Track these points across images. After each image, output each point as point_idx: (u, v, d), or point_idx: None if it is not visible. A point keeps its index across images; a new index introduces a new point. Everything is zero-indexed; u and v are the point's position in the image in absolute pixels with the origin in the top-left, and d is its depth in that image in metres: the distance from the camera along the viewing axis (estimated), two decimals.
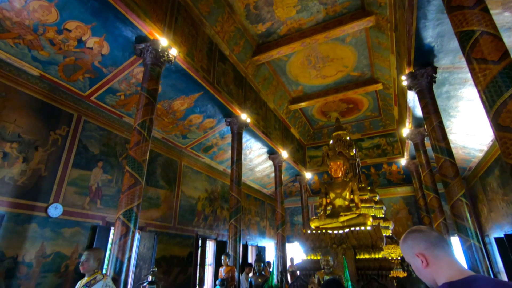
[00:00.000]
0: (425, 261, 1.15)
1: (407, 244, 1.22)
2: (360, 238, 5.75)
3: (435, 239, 1.18)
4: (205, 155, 9.66)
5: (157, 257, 7.10)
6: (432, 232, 1.21)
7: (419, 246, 1.18)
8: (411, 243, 1.21)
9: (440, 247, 1.16)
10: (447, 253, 1.15)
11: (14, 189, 4.70)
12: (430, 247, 1.16)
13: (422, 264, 1.16)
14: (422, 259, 1.16)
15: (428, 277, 1.17)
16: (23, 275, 4.57)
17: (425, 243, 1.18)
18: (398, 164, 12.64)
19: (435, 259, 1.15)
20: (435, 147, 5.26)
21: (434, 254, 1.15)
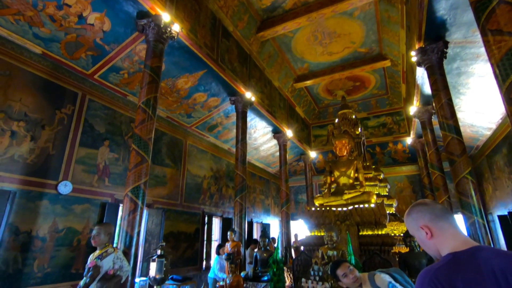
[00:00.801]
0: (430, 233, 1.15)
1: (411, 217, 1.23)
2: (364, 215, 5.82)
3: (439, 211, 1.18)
4: (210, 134, 9.68)
5: (165, 233, 7.33)
6: (436, 205, 1.21)
7: (424, 218, 1.18)
8: (416, 216, 1.21)
9: (445, 219, 1.16)
10: (451, 224, 1.15)
11: (24, 167, 4.80)
12: (434, 219, 1.16)
13: (427, 236, 1.16)
14: (426, 231, 1.16)
15: (432, 249, 1.18)
16: (38, 248, 4.77)
17: (429, 215, 1.17)
18: (403, 143, 12.56)
19: (439, 230, 1.15)
20: (443, 124, 5.19)
21: (438, 226, 1.15)
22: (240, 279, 4.93)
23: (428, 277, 1.04)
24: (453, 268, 1.04)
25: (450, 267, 1.04)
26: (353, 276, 2.31)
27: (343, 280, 2.32)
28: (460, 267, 1.03)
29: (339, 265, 2.40)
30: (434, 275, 1.03)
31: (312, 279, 3.75)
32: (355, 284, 2.29)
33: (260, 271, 5.98)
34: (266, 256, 6.12)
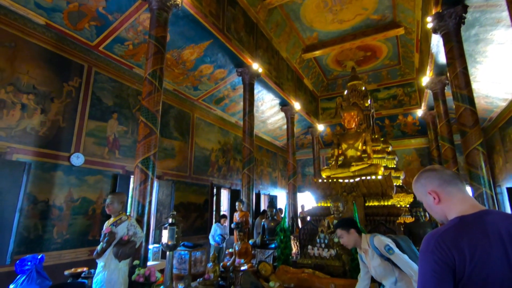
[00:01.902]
0: (437, 198, 1.15)
1: (420, 183, 1.22)
2: (371, 186, 5.87)
3: (448, 177, 1.16)
4: (217, 107, 9.64)
5: (175, 204, 7.58)
6: (445, 170, 1.19)
7: (432, 183, 1.17)
8: (424, 182, 1.20)
9: (454, 184, 1.15)
10: (460, 190, 1.14)
11: (36, 139, 4.91)
12: (442, 184, 1.15)
13: (434, 201, 1.16)
14: (434, 196, 1.15)
15: (439, 213, 1.17)
16: (56, 216, 5.01)
17: (438, 181, 1.16)
18: (414, 115, 12.31)
19: (447, 195, 1.14)
20: (456, 95, 5.03)
21: (446, 191, 1.14)
22: (248, 246, 5.14)
23: (434, 239, 1.04)
24: (459, 230, 1.03)
25: (456, 230, 1.04)
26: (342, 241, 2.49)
27: (341, 239, 2.46)
28: (466, 229, 1.03)
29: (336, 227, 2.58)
30: (440, 237, 1.03)
31: (318, 246, 3.88)
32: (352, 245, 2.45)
33: (268, 239, 6.20)
34: (273, 225, 6.30)
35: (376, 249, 2.18)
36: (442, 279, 0.98)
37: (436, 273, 0.99)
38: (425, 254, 1.04)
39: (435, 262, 1.00)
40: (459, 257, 0.97)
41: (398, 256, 2.08)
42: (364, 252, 2.33)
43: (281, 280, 3.33)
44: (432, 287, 0.99)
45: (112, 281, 3.25)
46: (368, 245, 2.27)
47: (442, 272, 0.98)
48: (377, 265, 2.19)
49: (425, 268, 1.03)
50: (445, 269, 0.98)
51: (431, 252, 1.02)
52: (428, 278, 1.01)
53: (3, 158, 4.44)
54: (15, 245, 4.36)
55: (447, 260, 0.98)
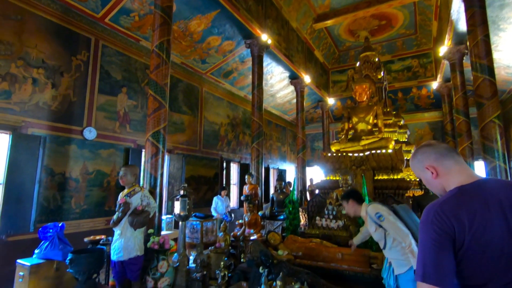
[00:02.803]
0: (435, 172, 1.15)
1: (417, 159, 1.21)
2: (380, 160, 5.83)
3: (444, 150, 1.16)
4: (226, 81, 9.51)
5: (186, 177, 7.76)
6: (441, 144, 1.19)
7: (429, 158, 1.17)
8: (421, 157, 1.19)
9: (450, 157, 1.14)
10: (457, 161, 1.14)
11: (49, 113, 5.00)
12: (439, 158, 1.15)
13: (432, 176, 1.15)
14: (432, 170, 1.15)
15: (438, 187, 1.17)
16: (73, 188, 5.22)
17: (434, 155, 1.16)
18: (428, 87, 11.89)
19: (444, 168, 1.14)
20: (475, 65, 4.79)
21: (444, 165, 1.14)
22: (257, 217, 5.29)
23: (434, 210, 1.04)
24: (458, 200, 1.03)
25: (455, 199, 1.04)
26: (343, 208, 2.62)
27: (343, 209, 2.61)
28: (465, 198, 1.03)
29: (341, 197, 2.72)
30: (439, 208, 1.03)
31: (326, 217, 3.95)
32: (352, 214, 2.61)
33: (277, 211, 6.35)
34: (282, 197, 6.43)
35: (370, 217, 2.32)
36: (442, 248, 0.99)
37: (436, 242, 1.00)
38: (425, 225, 1.04)
39: (435, 232, 1.00)
40: (458, 225, 0.98)
41: (389, 223, 2.22)
42: (364, 219, 2.52)
43: (289, 249, 3.45)
44: (432, 256, 1.00)
45: (129, 248, 3.44)
46: (365, 213, 2.43)
47: (442, 241, 0.99)
48: (373, 231, 2.37)
49: (425, 238, 1.04)
50: (445, 238, 0.99)
51: (431, 222, 1.02)
52: (428, 247, 1.02)
53: (19, 132, 4.57)
54: (37, 215, 4.61)
55: (447, 229, 0.99)
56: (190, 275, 3.92)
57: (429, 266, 0.99)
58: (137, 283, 3.55)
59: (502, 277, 0.95)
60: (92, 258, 3.00)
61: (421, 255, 1.04)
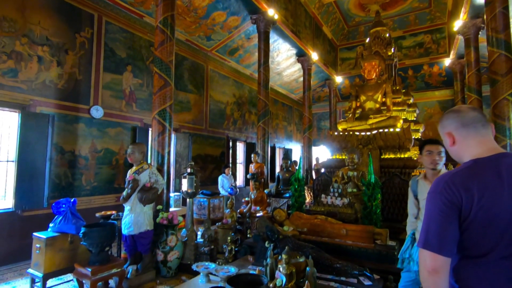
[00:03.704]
0: (451, 140, 1.14)
1: (441, 123, 1.20)
2: (388, 139, 5.76)
3: (469, 120, 1.12)
4: (231, 59, 9.34)
5: (193, 155, 7.84)
6: (469, 113, 1.13)
7: (450, 126, 1.15)
8: (445, 123, 1.18)
9: (472, 128, 1.10)
10: (479, 133, 1.10)
11: (56, 91, 5.02)
12: (459, 128, 1.12)
13: (449, 143, 1.15)
14: (449, 138, 1.15)
15: (454, 155, 1.17)
16: (83, 166, 5.34)
17: (456, 124, 1.13)
18: (440, 65, 11.50)
19: (462, 138, 1.12)
20: (491, 39, 4.59)
21: (462, 134, 1.12)
22: (263, 194, 5.36)
23: (444, 181, 1.03)
24: (471, 172, 1.02)
25: (467, 172, 1.03)
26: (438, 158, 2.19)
27: (424, 157, 2.25)
28: (478, 171, 1.02)
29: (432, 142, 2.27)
30: (450, 179, 1.02)
31: (331, 195, 3.99)
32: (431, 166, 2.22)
33: (282, 189, 6.43)
34: (288, 176, 6.48)
35: None
36: (447, 218, 1.00)
37: (442, 212, 1.00)
38: (433, 195, 1.05)
39: (442, 202, 1.01)
40: (467, 196, 0.98)
41: None
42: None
43: (294, 225, 3.52)
44: (436, 226, 1.01)
45: (139, 223, 3.55)
46: None
47: (448, 212, 1.00)
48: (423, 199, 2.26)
49: (431, 208, 1.04)
50: (451, 209, 0.99)
51: (439, 192, 1.02)
52: (433, 217, 1.02)
53: (28, 111, 4.62)
54: (49, 191, 4.76)
55: (455, 200, 0.99)
56: (198, 249, 4.06)
57: (432, 235, 1.01)
58: (147, 256, 3.70)
59: (502, 250, 0.96)
60: (104, 232, 3.11)
61: (426, 223, 1.05)
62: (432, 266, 0.99)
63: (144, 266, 3.65)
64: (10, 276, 3.88)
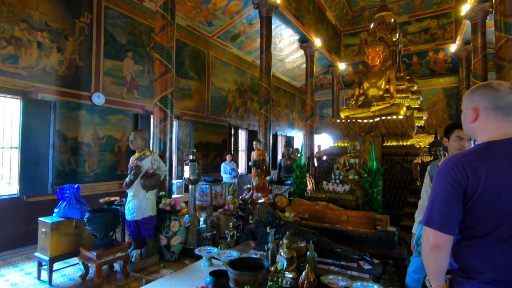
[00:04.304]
0: (474, 117, 1.08)
1: (471, 96, 1.11)
2: (390, 126, 5.73)
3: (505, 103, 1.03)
4: (233, 45, 9.21)
5: (195, 143, 7.85)
6: (508, 96, 1.03)
7: (481, 103, 1.07)
8: (475, 97, 1.09)
9: (503, 113, 1.03)
10: (506, 119, 1.03)
11: (57, 78, 4.99)
12: (490, 108, 1.05)
13: (470, 119, 1.10)
14: (473, 114, 1.08)
15: (469, 130, 1.13)
16: (86, 153, 5.37)
17: (488, 103, 1.05)
18: (446, 51, 11.29)
19: (486, 119, 1.06)
20: (499, 23, 4.47)
21: (489, 116, 1.05)
22: (265, 181, 5.40)
23: (453, 161, 1.02)
24: (481, 154, 1.01)
25: (477, 153, 1.02)
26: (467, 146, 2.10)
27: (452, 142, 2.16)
28: (488, 153, 1.00)
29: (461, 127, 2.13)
30: (458, 160, 1.02)
31: (333, 182, 4.00)
32: (454, 152, 2.11)
33: (284, 176, 6.46)
34: (289, 163, 6.50)
35: None
36: (452, 198, 1.00)
37: (447, 192, 1.01)
38: (440, 175, 1.04)
39: (448, 183, 1.01)
40: (473, 177, 0.97)
41: None
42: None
43: (296, 211, 3.55)
44: (441, 205, 1.02)
45: (142, 208, 3.60)
46: None
47: (454, 192, 1.00)
48: None
49: (438, 187, 1.04)
50: (457, 189, 1.00)
51: (446, 173, 1.02)
52: (439, 196, 1.03)
53: (30, 97, 4.61)
54: (53, 177, 4.81)
55: (461, 181, 0.99)
56: (201, 235, 4.13)
57: (436, 213, 1.03)
58: (151, 241, 3.77)
59: (504, 232, 0.96)
60: (108, 217, 3.16)
61: (431, 202, 1.05)
62: (434, 243, 1.01)
63: (148, 250, 3.72)
64: (18, 259, 3.98)
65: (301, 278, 2.05)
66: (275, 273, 2.25)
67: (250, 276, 1.78)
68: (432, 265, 1.06)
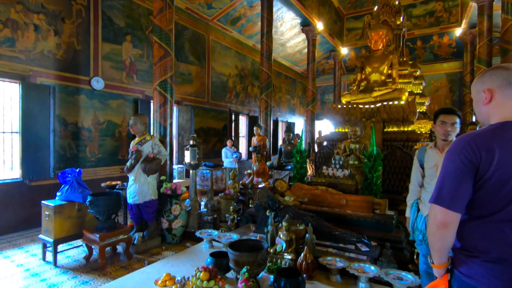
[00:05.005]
0: (489, 98, 1.06)
1: (481, 79, 1.10)
2: (392, 112, 5.69)
3: None
4: (233, 28, 9.03)
5: (195, 128, 7.85)
6: None
7: (493, 82, 1.06)
8: (486, 79, 1.08)
9: None
10: None
11: (55, 62, 4.94)
12: (505, 86, 1.04)
13: (484, 100, 1.08)
14: (487, 95, 1.07)
15: (483, 114, 1.11)
16: (86, 137, 5.38)
17: (501, 81, 1.05)
18: (451, 35, 11.06)
19: (502, 97, 1.04)
20: (506, 6, 4.36)
21: (505, 93, 1.04)
22: (265, 166, 5.42)
23: (465, 141, 1.01)
24: (495, 133, 1.00)
25: (492, 133, 1.01)
26: (450, 129, 2.11)
27: (437, 127, 2.16)
28: (504, 133, 1.00)
29: (447, 111, 2.16)
30: (472, 139, 1.01)
31: (333, 167, 4.02)
32: (443, 137, 2.14)
33: (284, 161, 6.49)
34: (290, 149, 6.51)
35: None
36: (463, 177, 1.00)
37: (459, 170, 1.00)
38: (452, 154, 1.04)
39: (460, 161, 1.00)
40: (487, 156, 0.97)
41: None
42: None
43: (295, 196, 3.58)
44: (451, 183, 1.02)
45: (143, 192, 3.64)
46: None
47: (465, 170, 1.00)
48: None
49: (449, 166, 1.04)
50: (469, 168, 0.99)
51: (459, 152, 1.01)
52: (449, 175, 1.03)
53: (28, 81, 4.58)
54: (55, 162, 4.84)
55: (474, 159, 0.98)
56: (202, 218, 4.19)
57: (445, 191, 1.03)
58: (153, 224, 3.83)
59: (510, 212, 0.97)
60: (110, 200, 3.20)
61: (441, 181, 1.05)
62: (441, 220, 1.02)
63: (150, 233, 3.79)
64: (23, 241, 4.06)
65: (300, 259, 2.10)
66: (274, 254, 2.29)
67: (249, 256, 1.81)
68: (437, 242, 1.07)
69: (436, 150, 2.24)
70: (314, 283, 1.96)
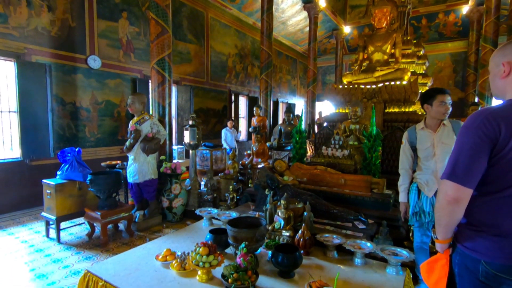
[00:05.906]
0: (508, 71, 1.04)
1: (503, 51, 1.08)
2: (393, 92, 5.62)
3: None
4: (232, 5, 8.74)
5: (195, 109, 7.78)
6: None
7: None
8: (507, 51, 1.06)
9: None
10: None
11: (50, 40, 4.82)
12: None
13: (503, 74, 1.06)
14: (506, 68, 1.04)
15: (499, 89, 1.10)
16: (85, 117, 5.35)
17: None
18: (457, 13, 10.72)
19: None
20: None
21: None
22: (265, 147, 5.43)
23: (484, 115, 0.99)
24: None
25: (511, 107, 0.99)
26: (448, 110, 2.11)
27: (437, 107, 2.13)
28: None
29: (444, 91, 2.14)
30: (490, 114, 0.99)
31: (332, 147, 4.02)
32: (443, 117, 2.14)
33: (284, 142, 6.48)
34: (290, 129, 6.49)
35: None
36: (479, 152, 0.99)
37: (476, 145, 0.99)
38: (469, 129, 1.02)
39: (477, 136, 0.99)
40: (506, 130, 0.95)
41: None
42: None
43: (294, 175, 3.60)
44: (466, 159, 1.00)
45: (143, 171, 3.66)
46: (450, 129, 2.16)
47: (482, 145, 0.98)
48: None
49: (464, 141, 1.02)
50: (486, 143, 0.98)
51: (476, 127, 1.00)
52: (465, 150, 1.01)
53: (23, 59, 4.49)
54: (54, 142, 4.84)
55: (492, 134, 0.97)
56: (202, 197, 4.24)
57: (460, 167, 1.02)
58: (153, 202, 3.88)
59: None
60: (110, 179, 3.22)
61: (455, 156, 1.04)
62: (453, 196, 1.02)
63: (151, 211, 3.85)
64: (26, 219, 4.14)
65: (297, 236, 2.13)
66: (273, 231, 2.34)
67: (248, 233, 1.84)
68: (446, 217, 1.07)
69: (428, 130, 2.22)
70: (311, 259, 2.00)
